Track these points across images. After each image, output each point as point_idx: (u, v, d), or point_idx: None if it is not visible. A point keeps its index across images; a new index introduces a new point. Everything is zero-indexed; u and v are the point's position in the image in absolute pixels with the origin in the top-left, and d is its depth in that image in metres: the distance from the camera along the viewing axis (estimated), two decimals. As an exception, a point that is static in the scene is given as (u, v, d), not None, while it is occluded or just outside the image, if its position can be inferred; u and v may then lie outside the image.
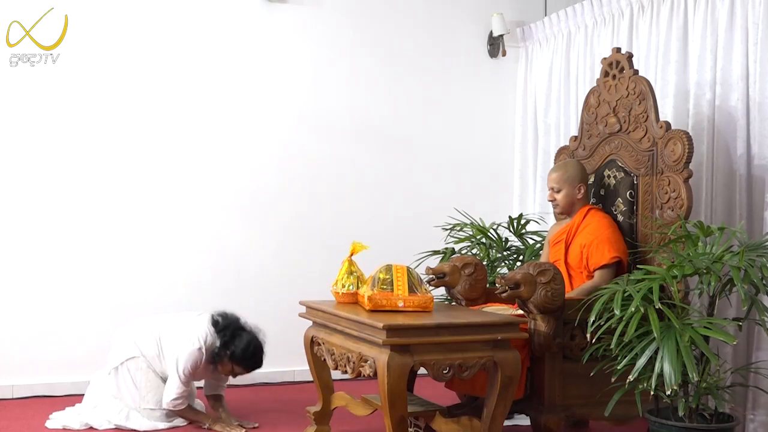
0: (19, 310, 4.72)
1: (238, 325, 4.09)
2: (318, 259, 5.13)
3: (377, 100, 5.51)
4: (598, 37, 4.99)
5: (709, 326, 3.06)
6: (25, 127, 4.76)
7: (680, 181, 3.65)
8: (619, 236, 3.85)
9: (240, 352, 4.01)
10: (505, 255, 4.64)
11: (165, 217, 5.01)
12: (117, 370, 4.09)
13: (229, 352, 4.01)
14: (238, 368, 4.08)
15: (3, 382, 4.67)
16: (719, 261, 3.15)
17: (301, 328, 3.93)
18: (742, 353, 3.89)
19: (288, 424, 4.17)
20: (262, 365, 4.14)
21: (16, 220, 4.74)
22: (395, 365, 3.05)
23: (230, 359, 4.03)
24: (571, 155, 4.38)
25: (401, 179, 5.56)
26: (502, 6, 5.72)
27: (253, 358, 4.06)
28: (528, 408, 3.51)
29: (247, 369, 4.11)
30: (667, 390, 2.99)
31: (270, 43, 5.27)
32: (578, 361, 3.43)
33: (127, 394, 4.08)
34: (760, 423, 3.81)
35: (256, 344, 4.07)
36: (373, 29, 5.51)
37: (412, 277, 3.48)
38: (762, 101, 3.86)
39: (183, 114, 5.07)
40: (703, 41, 4.16)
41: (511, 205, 5.70)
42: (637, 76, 3.97)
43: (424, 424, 3.66)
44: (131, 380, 4.08)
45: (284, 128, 5.28)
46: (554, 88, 5.43)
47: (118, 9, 4.93)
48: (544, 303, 3.36)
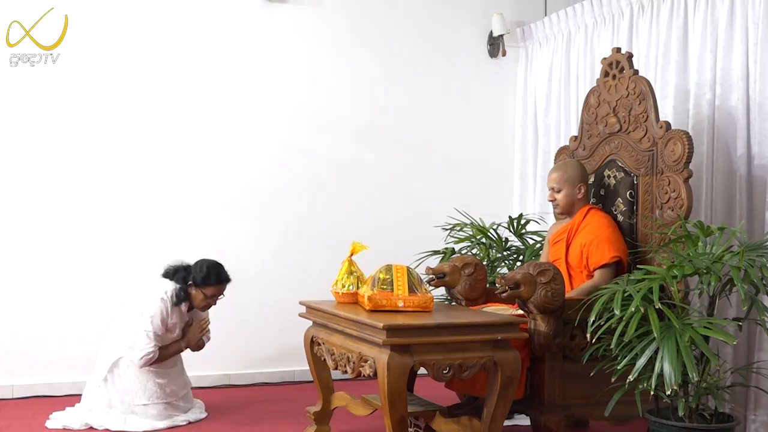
0: (19, 310, 4.72)
1: (185, 264, 4.25)
2: (318, 259, 5.14)
3: (377, 100, 5.51)
4: (598, 37, 4.99)
5: (709, 326, 3.06)
6: (25, 127, 4.76)
7: (680, 181, 3.65)
8: (619, 236, 3.85)
9: (200, 275, 4.17)
10: (505, 255, 4.64)
11: (165, 217, 5.01)
12: (108, 378, 4.11)
13: (191, 282, 4.17)
14: (208, 290, 4.19)
15: (3, 382, 4.67)
16: (719, 261, 3.15)
17: (301, 328, 3.93)
18: (743, 353, 3.89)
19: (288, 424, 4.16)
20: (230, 278, 4.26)
21: (16, 221, 4.74)
22: (395, 365, 3.05)
23: (197, 287, 4.17)
24: (571, 155, 4.38)
25: (401, 179, 5.56)
26: (502, 6, 5.72)
27: (215, 272, 4.20)
28: (528, 408, 3.51)
29: (217, 285, 4.20)
30: (667, 390, 2.99)
31: (270, 43, 5.27)
32: (578, 361, 3.43)
33: (119, 398, 4.09)
34: (762, 423, 3.81)
35: (210, 262, 4.24)
36: (373, 29, 5.51)
37: (412, 277, 3.48)
38: (762, 101, 3.86)
39: (183, 114, 5.07)
40: (703, 41, 4.16)
41: (511, 205, 5.70)
42: (637, 76, 3.97)
43: (424, 424, 3.66)
44: (121, 383, 4.10)
45: (284, 128, 5.29)
46: (554, 88, 5.43)
47: (118, 9, 4.93)
48: (544, 303, 3.36)
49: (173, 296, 4.15)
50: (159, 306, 4.11)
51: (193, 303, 4.22)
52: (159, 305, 4.11)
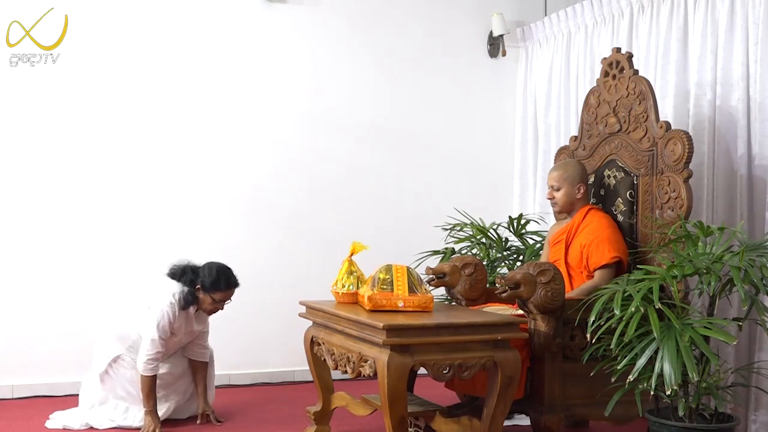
0: (19, 310, 4.72)
1: (193, 264, 4.14)
2: (318, 259, 5.13)
3: (377, 100, 5.51)
4: (598, 37, 4.98)
5: (709, 326, 3.05)
6: (25, 127, 4.76)
7: (680, 181, 3.65)
8: (619, 236, 3.85)
9: (208, 279, 4.05)
10: (505, 255, 4.64)
11: (166, 218, 5.01)
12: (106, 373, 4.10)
13: (199, 286, 4.06)
14: (217, 294, 4.08)
15: (3, 382, 4.67)
16: (719, 261, 3.15)
17: (301, 328, 3.93)
18: (743, 353, 3.88)
19: (288, 424, 4.16)
20: (239, 283, 4.16)
21: (17, 221, 4.74)
22: (395, 365, 3.05)
23: (205, 292, 4.07)
24: (571, 155, 4.38)
25: (401, 179, 5.56)
26: (502, 6, 5.72)
27: (224, 277, 4.09)
28: (528, 408, 3.51)
29: (225, 290, 4.10)
30: (667, 390, 2.98)
31: (270, 43, 5.27)
32: (578, 361, 3.43)
33: (121, 390, 4.09)
34: (762, 424, 3.81)
35: (219, 266, 4.12)
36: (372, 29, 5.51)
37: (412, 277, 3.47)
38: (762, 101, 3.86)
39: (183, 114, 5.07)
40: (703, 41, 4.15)
41: (511, 205, 5.70)
42: (637, 76, 3.97)
43: (424, 424, 3.66)
44: (122, 378, 4.08)
45: (284, 128, 5.29)
46: (554, 88, 5.43)
47: (118, 9, 4.93)
48: (544, 303, 3.36)
49: (181, 300, 4.04)
50: (166, 311, 4.00)
51: (200, 306, 4.13)
52: (166, 310, 4.00)
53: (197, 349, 4.25)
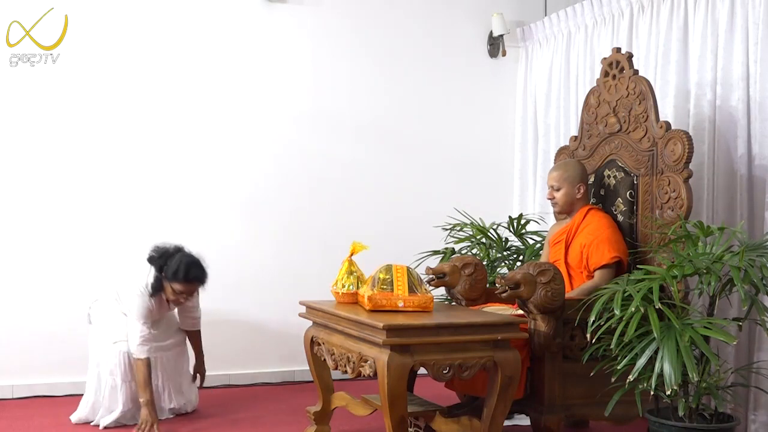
0: (19, 310, 4.72)
1: (170, 252, 4.14)
2: (318, 259, 5.13)
3: (377, 100, 5.51)
4: (598, 37, 4.98)
5: (709, 326, 3.06)
6: (25, 127, 4.76)
7: (680, 181, 3.65)
8: (619, 236, 3.85)
9: (171, 269, 4.07)
10: (505, 255, 4.64)
11: (165, 217, 5.01)
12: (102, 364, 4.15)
13: (163, 274, 4.10)
14: (177, 286, 4.08)
15: (3, 382, 4.67)
16: (719, 261, 3.15)
17: (301, 328, 3.93)
18: (744, 353, 3.88)
19: (288, 424, 4.16)
20: (203, 281, 4.13)
21: (16, 221, 4.74)
22: (395, 365, 3.05)
23: (166, 281, 4.09)
24: (571, 155, 4.38)
25: (401, 179, 5.56)
26: (502, 6, 5.72)
27: (185, 269, 4.06)
28: (528, 408, 3.51)
29: (184, 284, 4.09)
30: (667, 390, 2.99)
31: (270, 43, 5.27)
32: (578, 361, 3.43)
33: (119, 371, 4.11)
34: (762, 424, 3.81)
35: (188, 260, 4.11)
36: (372, 29, 5.51)
37: (412, 277, 3.47)
38: (762, 101, 3.86)
39: (183, 114, 5.07)
40: (703, 41, 4.15)
41: (511, 205, 5.70)
42: (637, 76, 3.97)
43: (424, 424, 3.66)
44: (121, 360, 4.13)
45: (284, 128, 5.29)
46: (554, 88, 5.43)
47: (118, 9, 4.93)
48: (544, 303, 3.36)
49: (148, 286, 4.09)
50: (137, 302, 4.06)
51: (164, 294, 4.14)
52: (137, 302, 4.07)
53: (188, 321, 4.44)
